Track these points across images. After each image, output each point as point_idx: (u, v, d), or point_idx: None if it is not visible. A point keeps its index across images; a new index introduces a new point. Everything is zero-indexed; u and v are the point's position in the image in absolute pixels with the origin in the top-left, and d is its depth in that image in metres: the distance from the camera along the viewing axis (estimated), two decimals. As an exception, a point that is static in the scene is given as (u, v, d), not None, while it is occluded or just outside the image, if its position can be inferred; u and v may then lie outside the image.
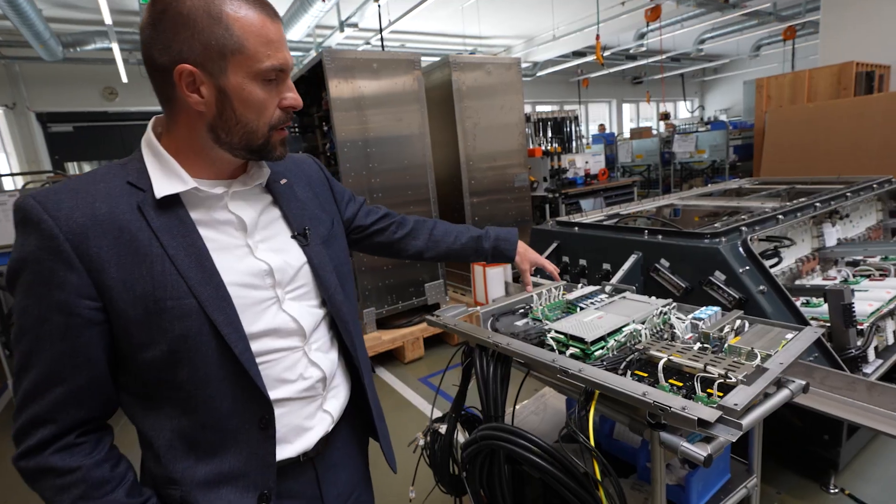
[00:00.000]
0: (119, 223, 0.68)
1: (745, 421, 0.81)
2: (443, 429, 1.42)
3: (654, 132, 8.59)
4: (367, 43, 8.12)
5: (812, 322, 1.64)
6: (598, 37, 5.99)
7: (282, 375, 0.81)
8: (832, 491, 1.78)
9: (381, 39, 6.03)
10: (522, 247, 1.31)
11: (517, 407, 1.69)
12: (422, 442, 1.43)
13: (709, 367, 0.95)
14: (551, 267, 1.38)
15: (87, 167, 8.55)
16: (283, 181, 0.90)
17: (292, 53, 5.82)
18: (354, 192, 3.56)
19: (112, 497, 0.70)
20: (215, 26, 0.67)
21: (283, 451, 0.82)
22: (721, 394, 0.89)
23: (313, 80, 3.57)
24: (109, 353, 0.71)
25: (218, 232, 0.77)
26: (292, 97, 0.76)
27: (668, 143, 7.40)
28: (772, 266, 1.83)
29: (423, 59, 3.64)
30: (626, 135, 11.30)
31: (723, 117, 15.13)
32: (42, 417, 0.68)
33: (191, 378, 0.72)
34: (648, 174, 7.91)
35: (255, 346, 0.77)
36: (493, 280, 2.96)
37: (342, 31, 7.01)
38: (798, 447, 1.85)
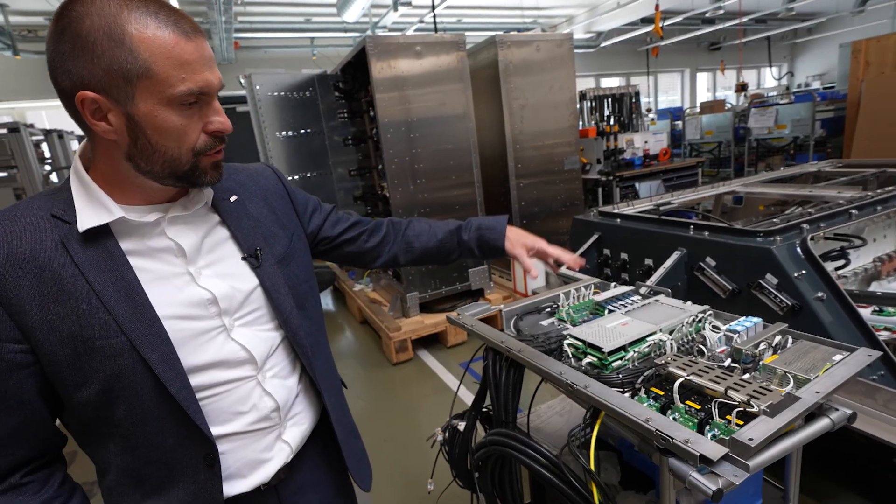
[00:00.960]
0: (39, 261, 0.64)
1: (757, 461, 0.73)
2: (461, 426, 1.42)
3: (728, 106, 7.82)
4: (421, 21, 8.01)
5: (884, 333, 1.46)
6: (657, 6, 5.49)
7: (234, 408, 0.77)
8: (899, 519, 1.60)
9: (434, 17, 5.93)
10: (514, 232, 1.14)
11: (542, 406, 1.65)
12: (440, 438, 1.45)
13: (730, 392, 0.87)
14: (555, 252, 1.13)
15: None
16: (234, 198, 0.84)
17: (348, 35, 5.86)
18: (398, 177, 3.56)
19: None
20: (117, 49, 0.61)
21: (237, 486, 0.79)
22: (741, 422, 0.81)
23: (360, 66, 3.59)
24: (45, 393, 0.68)
25: (154, 261, 0.72)
26: (219, 121, 0.69)
27: (744, 117, 6.71)
28: (838, 269, 1.63)
29: (479, 33, 3.56)
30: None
31: (815, 84, 13.51)
32: None
33: (128, 416, 0.69)
34: (719, 152, 7.26)
35: (201, 379, 0.73)
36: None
37: (396, 9, 6.95)
38: (861, 467, 1.67)
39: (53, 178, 4.91)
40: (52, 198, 0.69)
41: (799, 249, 1.46)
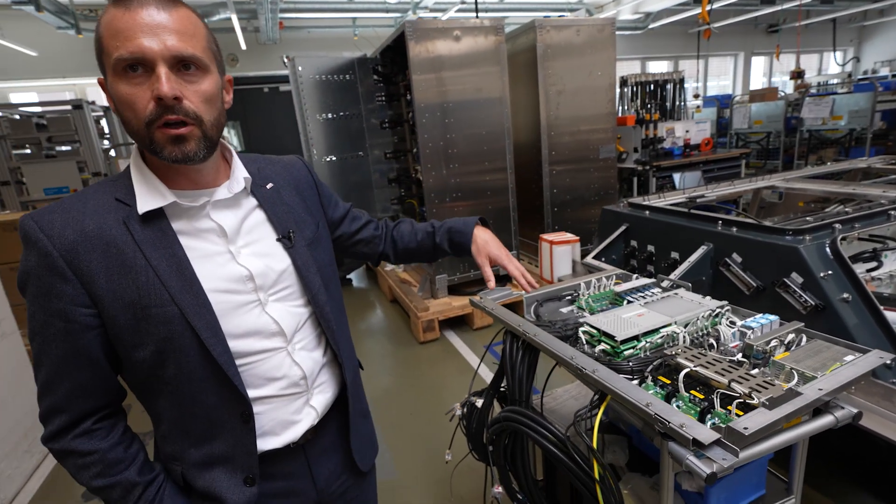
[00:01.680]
0: (106, 238, 0.74)
1: (751, 450, 0.78)
2: (479, 402, 1.50)
3: (781, 94, 7.37)
4: (463, 2, 7.93)
5: (912, 338, 1.43)
6: None
7: (268, 374, 0.86)
8: (916, 524, 1.59)
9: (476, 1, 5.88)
10: (483, 238, 1.21)
11: (559, 390, 1.72)
12: (459, 412, 1.54)
13: (734, 384, 0.91)
14: (514, 269, 1.24)
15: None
16: (270, 185, 0.92)
17: (389, 15, 5.94)
18: (432, 161, 3.66)
19: (125, 475, 0.80)
20: (97, 35, 0.71)
21: (270, 443, 0.88)
22: (741, 413, 0.85)
23: (399, 49, 3.64)
24: (108, 352, 0.78)
25: (200, 240, 0.81)
26: (156, 87, 0.69)
27: (797, 107, 6.35)
28: (870, 270, 1.59)
29: (521, 14, 3.55)
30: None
31: (884, 71, 12.52)
32: (56, 407, 0.77)
33: (177, 375, 0.78)
34: (767, 143, 6.90)
35: (240, 345, 0.82)
36: (559, 257, 2.92)
37: (438, -10, 6.93)
38: (879, 468, 1.66)
39: (112, 153, 5.23)
40: (114, 184, 0.80)
41: (828, 249, 1.45)
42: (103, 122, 5.40)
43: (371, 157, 4.46)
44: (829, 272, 1.40)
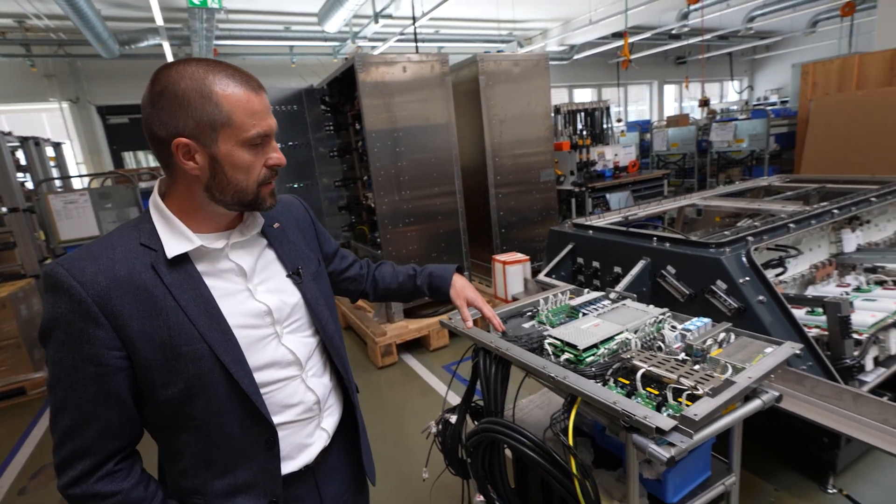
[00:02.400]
0: (136, 283, 0.77)
1: (702, 433, 0.92)
2: (453, 419, 1.58)
3: (692, 120, 8.28)
4: (402, 32, 8.20)
5: (814, 330, 1.69)
6: (625, 33, 5.81)
7: (285, 401, 0.92)
8: (830, 491, 1.84)
9: (415, 30, 6.11)
10: (460, 283, 1.31)
11: (524, 401, 1.83)
12: (434, 430, 1.60)
13: (681, 379, 1.06)
14: (488, 312, 1.34)
15: (141, 155, 9.16)
16: (276, 225, 0.99)
17: (328, 44, 6.07)
18: (384, 188, 3.73)
19: None
20: (206, 104, 0.76)
21: (288, 466, 0.93)
22: (690, 403, 1.00)
23: (347, 81, 3.73)
24: (135, 391, 0.80)
25: (222, 280, 0.86)
26: (276, 157, 0.85)
27: (706, 131, 7.16)
28: (778, 275, 1.87)
29: (457, 44, 3.73)
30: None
31: (773, 98, 14.30)
32: (81, 451, 0.77)
33: (204, 410, 0.82)
34: (684, 164, 7.69)
35: (260, 377, 0.87)
36: (512, 276, 3.08)
37: (377, 21, 7.12)
38: (799, 447, 1.91)
39: (30, 187, 4.83)
40: (136, 229, 0.83)
41: (744, 259, 1.69)
42: (19, 154, 5.00)
43: (320, 185, 4.47)
44: (747, 278, 1.64)
